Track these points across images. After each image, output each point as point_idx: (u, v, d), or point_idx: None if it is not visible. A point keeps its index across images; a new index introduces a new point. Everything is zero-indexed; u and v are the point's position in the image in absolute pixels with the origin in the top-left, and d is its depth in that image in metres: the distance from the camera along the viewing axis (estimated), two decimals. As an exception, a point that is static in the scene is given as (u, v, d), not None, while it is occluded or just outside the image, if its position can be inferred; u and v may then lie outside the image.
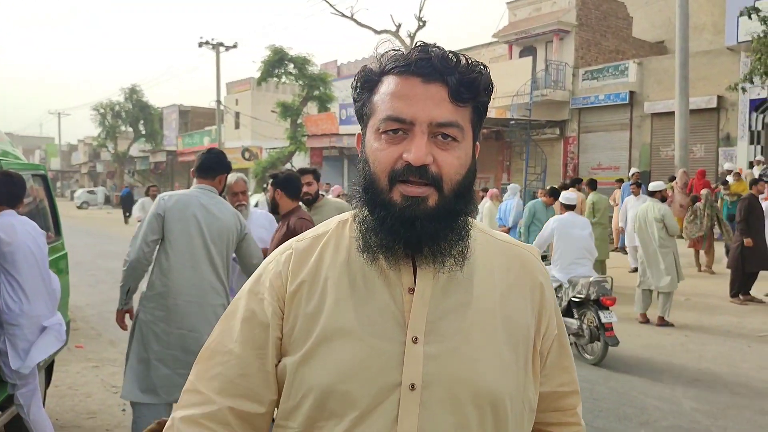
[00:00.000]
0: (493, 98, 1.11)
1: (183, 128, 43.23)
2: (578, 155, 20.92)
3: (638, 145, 19.54)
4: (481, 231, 1.16)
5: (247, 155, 31.76)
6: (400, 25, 25.43)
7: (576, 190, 10.66)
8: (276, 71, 26.64)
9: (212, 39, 32.21)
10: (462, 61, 1.05)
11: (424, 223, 1.01)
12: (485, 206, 12.59)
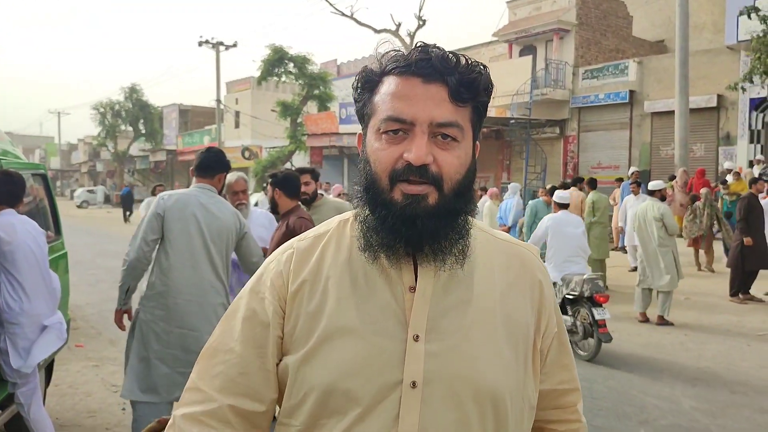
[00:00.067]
0: (493, 97, 1.12)
1: (183, 127, 43.22)
2: (578, 154, 20.93)
3: (638, 144, 19.54)
4: (481, 230, 1.17)
5: (247, 154, 31.78)
6: (400, 24, 25.48)
7: (578, 189, 10.67)
8: (276, 70, 26.66)
9: (212, 38, 32.32)
10: (462, 62, 1.06)
11: (425, 221, 1.02)
12: (485, 205, 12.59)
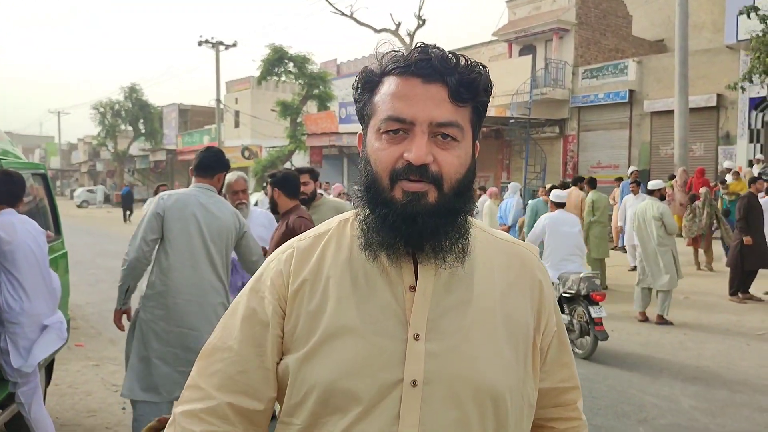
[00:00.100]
0: (493, 97, 1.13)
1: (183, 127, 43.21)
2: (578, 154, 20.93)
3: (638, 144, 19.55)
4: (481, 230, 1.18)
5: (247, 154, 31.79)
6: (400, 24, 25.51)
7: (578, 189, 10.67)
8: (276, 70, 26.67)
9: (212, 38, 32.33)
10: (461, 62, 1.06)
11: (425, 219, 1.03)
12: (485, 205, 12.59)
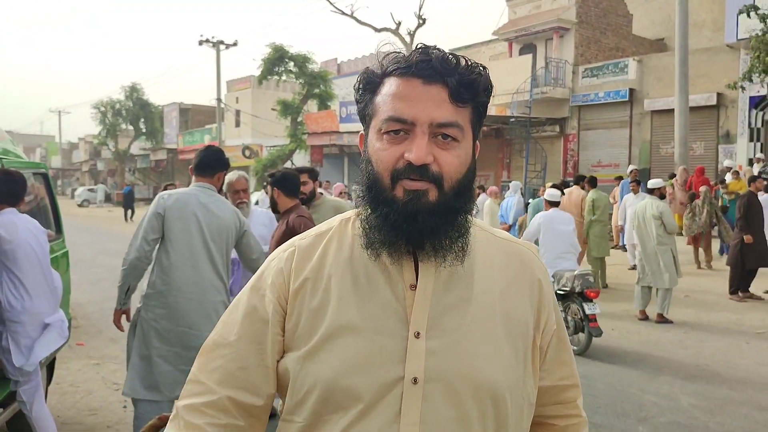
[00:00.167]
0: (493, 96, 1.15)
1: (183, 126, 43.21)
2: (578, 153, 20.93)
3: (638, 143, 19.55)
4: (481, 228, 1.19)
5: (248, 153, 31.80)
6: (400, 23, 25.50)
7: (580, 188, 10.68)
8: (276, 69, 26.69)
9: (212, 37, 32.25)
10: (462, 63, 1.07)
11: (426, 218, 1.04)
12: (486, 204, 12.58)
